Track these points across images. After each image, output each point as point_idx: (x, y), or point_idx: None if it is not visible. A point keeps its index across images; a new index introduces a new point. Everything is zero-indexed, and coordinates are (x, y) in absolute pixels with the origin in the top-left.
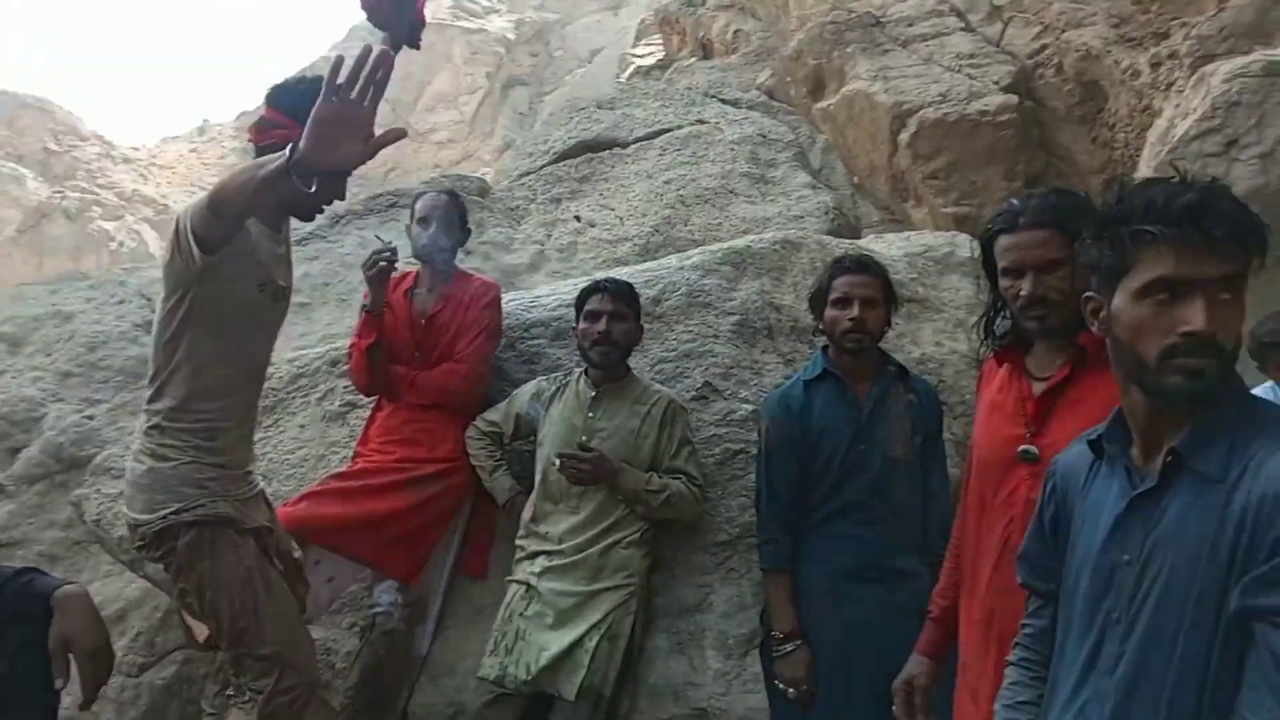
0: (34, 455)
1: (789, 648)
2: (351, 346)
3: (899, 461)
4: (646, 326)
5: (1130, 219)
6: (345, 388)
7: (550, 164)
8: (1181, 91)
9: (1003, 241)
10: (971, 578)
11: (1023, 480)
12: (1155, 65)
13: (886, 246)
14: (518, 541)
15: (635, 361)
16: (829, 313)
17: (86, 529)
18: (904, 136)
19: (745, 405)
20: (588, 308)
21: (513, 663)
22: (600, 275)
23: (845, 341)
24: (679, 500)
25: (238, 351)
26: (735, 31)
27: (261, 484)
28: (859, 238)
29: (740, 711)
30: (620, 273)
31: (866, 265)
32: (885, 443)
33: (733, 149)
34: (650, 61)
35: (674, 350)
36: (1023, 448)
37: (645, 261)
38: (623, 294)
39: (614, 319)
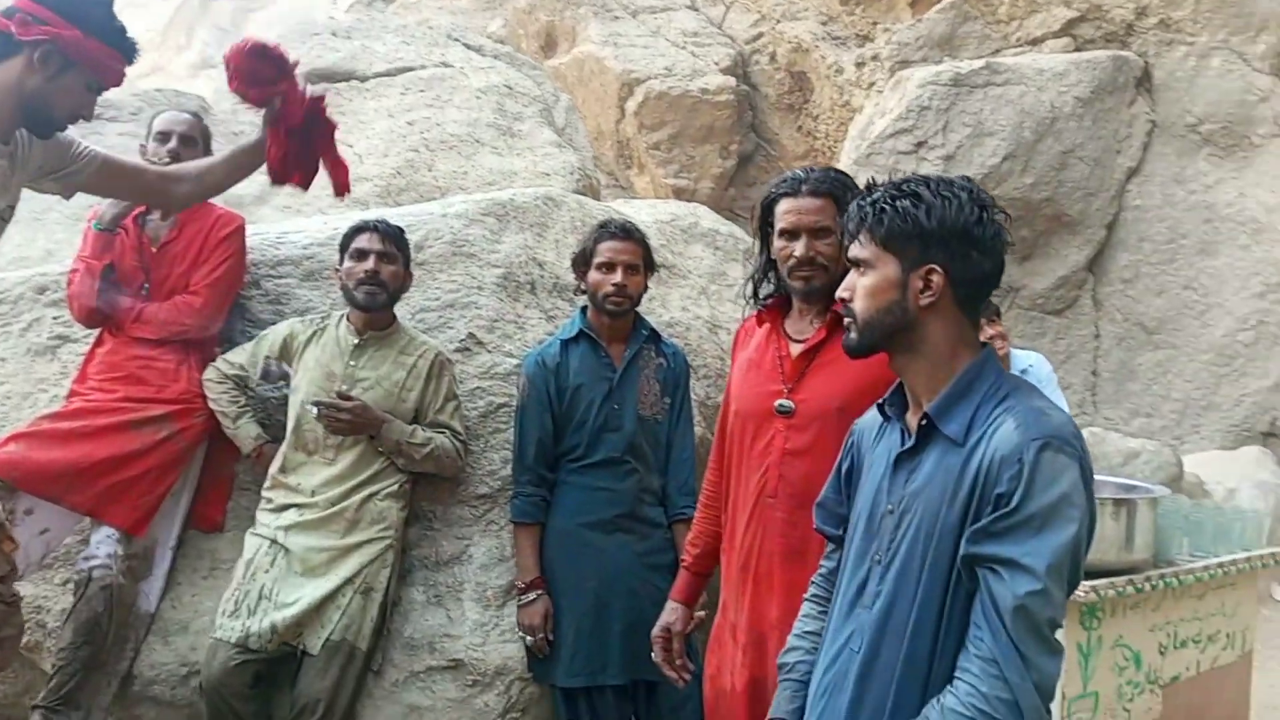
0: None
1: (530, 597)
2: (72, 271)
3: (649, 420)
4: None
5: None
6: (56, 318)
7: None
8: (881, 92)
9: (783, 205)
10: (731, 524)
11: (779, 432)
12: (860, 65)
13: (636, 211)
14: (264, 492)
15: (397, 309)
16: (592, 275)
17: None
18: (631, 105)
19: (509, 359)
20: (354, 246)
21: (256, 622)
22: (369, 215)
23: (607, 304)
24: (443, 454)
25: None
26: None
27: None
28: (599, 199)
29: (497, 660)
30: (380, 213)
31: (630, 232)
32: (636, 402)
33: (479, 97)
34: None
35: (437, 300)
36: (779, 401)
37: (386, 204)
38: (393, 235)
39: (382, 259)
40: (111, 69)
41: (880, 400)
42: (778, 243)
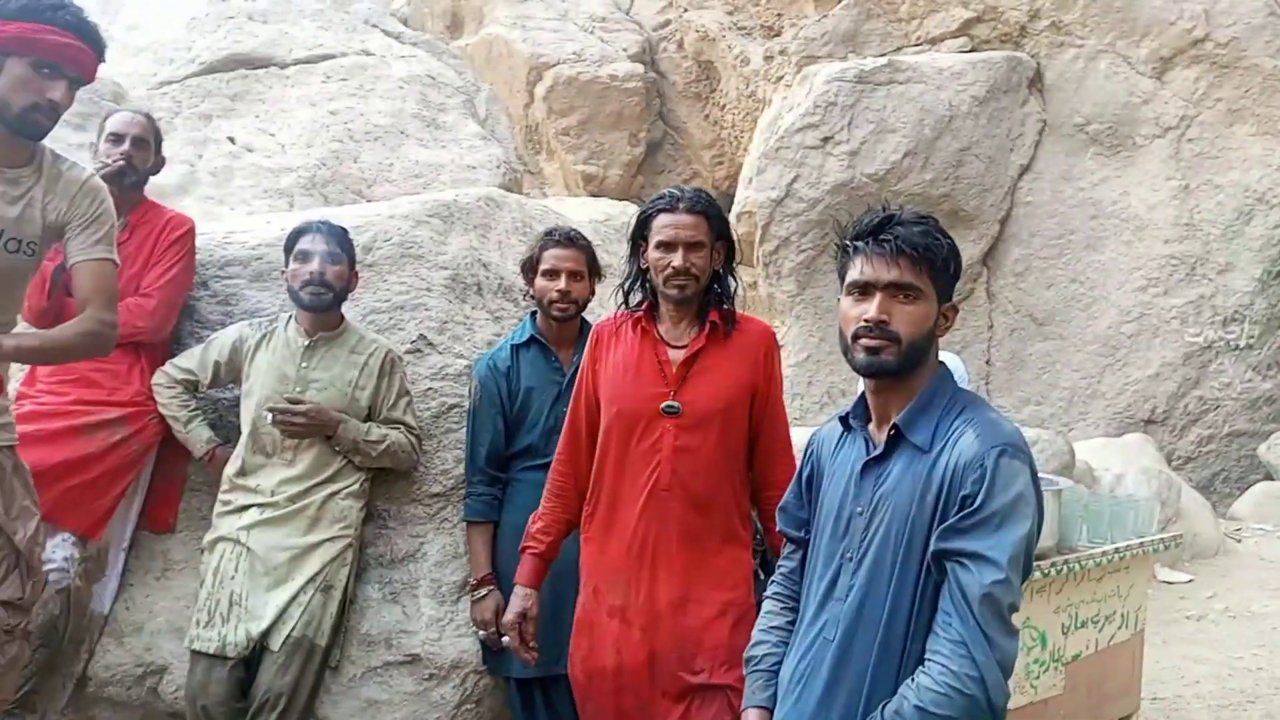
0: None
1: (481, 593)
2: None
3: None
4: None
5: (844, 236)
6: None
7: (197, 75)
8: (789, 86)
9: (661, 219)
10: (610, 515)
11: (667, 431)
12: (768, 59)
13: (571, 211)
14: (222, 495)
15: (347, 311)
16: (539, 282)
17: None
18: (540, 89)
19: (460, 360)
20: (298, 248)
21: (231, 630)
22: (314, 216)
23: (553, 310)
24: (398, 450)
25: None
26: None
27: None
28: (521, 192)
29: (453, 654)
30: (324, 214)
31: (574, 240)
32: None
33: (402, 87)
34: None
35: (386, 301)
36: (666, 403)
37: (311, 196)
38: (336, 235)
39: (328, 260)
40: (47, 41)
41: (843, 413)
42: (653, 254)
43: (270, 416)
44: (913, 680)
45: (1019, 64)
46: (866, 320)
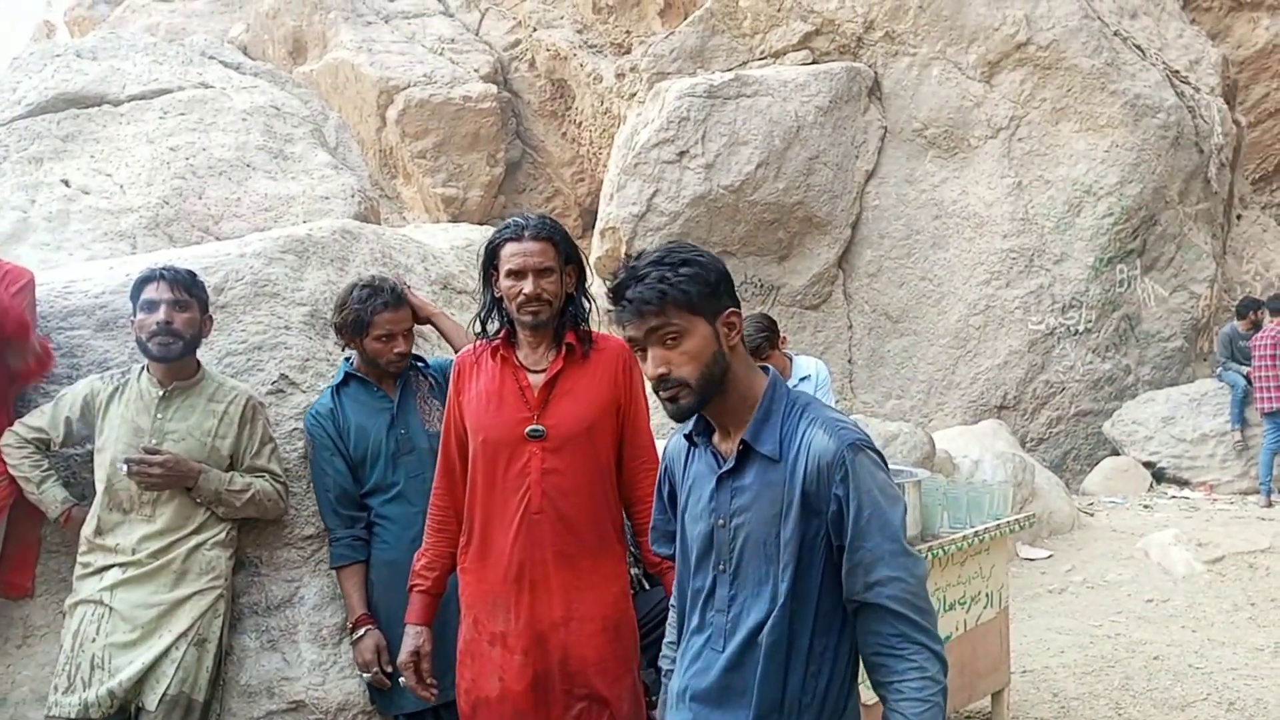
0: None
1: (360, 633)
2: None
3: (439, 435)
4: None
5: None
6: None
7: (24, 117)
8: (642, 102)
9: (509, 248)
10: (484, 543)
11: (534, 454)
12: (620, 76)
13: (431, 238)
14: (81, 557)
15: (202, 355)
16: (372, 345)
17: None
18: (392, 113)
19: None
20: (143, 297)
21: (92, 693)
22: (157, 263)
23: (390, 368)
24: (264, 499)
25: None
26: None
27: None
28: (379, 220)
29: (339, 697)
30: (171, 256)
31: (403, 299)
32: (422, 421)
33: (244, 119)
34: None
35: (243, 342)
36: (531, 427)
37: (155, 236)
38: (182, 281)
39: (175, 307)
40: None
41: (686, 431)
42: (505, 283)
43: (126, 468)
44: (896, 705)
45: (858, 74)
46: (651, 378)
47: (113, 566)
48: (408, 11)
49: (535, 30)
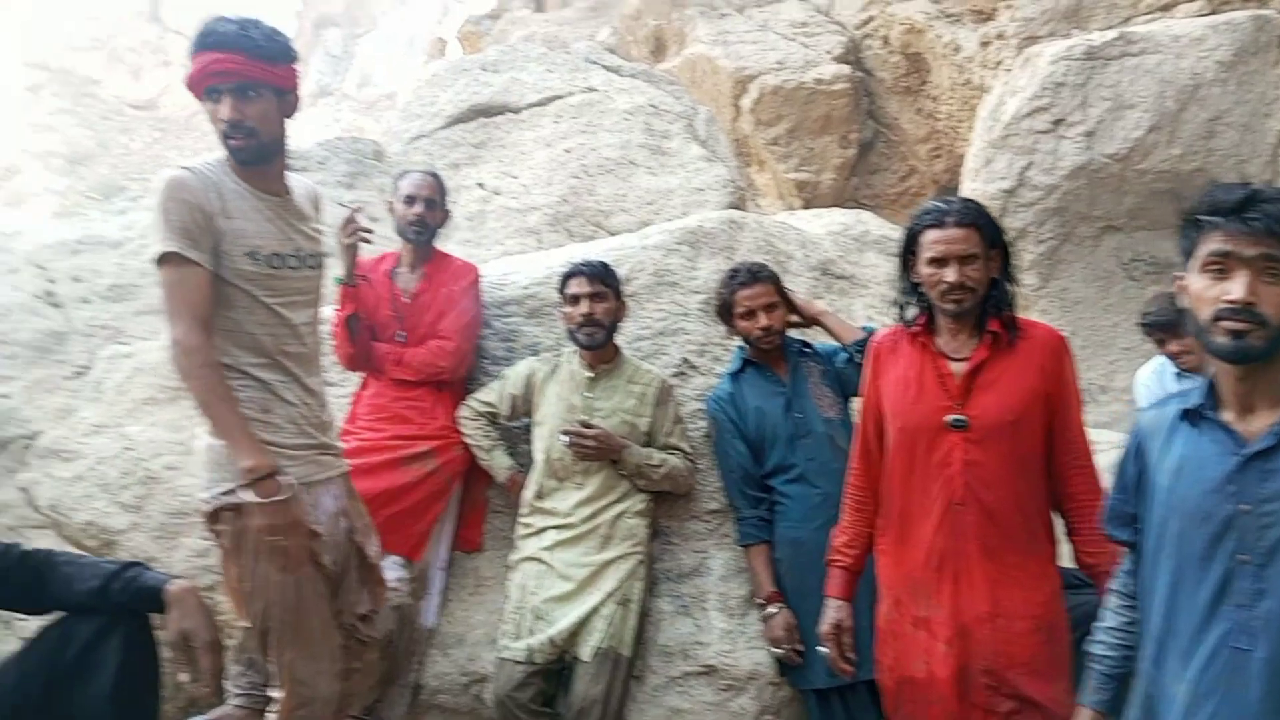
0: None
1: (771, 611)
2: (333, 325)
3: (834, 421)
4: None
5: (1193, 211)
6: (329, 362)
7: (444, 128)
8: (1009, 70)
9: (930, 235)
10: (903, 528)
11: (956, 445)
12: (984, 44)
13: (807, 224)
14: (522, 519)
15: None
16: (740, 324)
17: (22, 514)
18: (745, 102)
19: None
20: (568, 291)
21: (536, 640)
22: (577, 258)
23: (760, 344)
24: (677, 473)
25: (255, 322)
26: None
27: (342, 466)
28: (744, 207)
29: (748, 666)
30: (586, 251)
31: (758, 276)
32: (817, 406)
33: (627, 119)
34: (479, 10)
35: (649, 328)
36: (954, 417)
37: (557, 232)
38: (599, 273)
39: (595, 300)
40: (196, 72)
41: (1184, 403)
42: (925, 270)
43: (566, 440)
44: None
45: (1266, 22)
46: (1230, 301)
47: (549, 529)
48: (760, 0)
49: (889, 5)
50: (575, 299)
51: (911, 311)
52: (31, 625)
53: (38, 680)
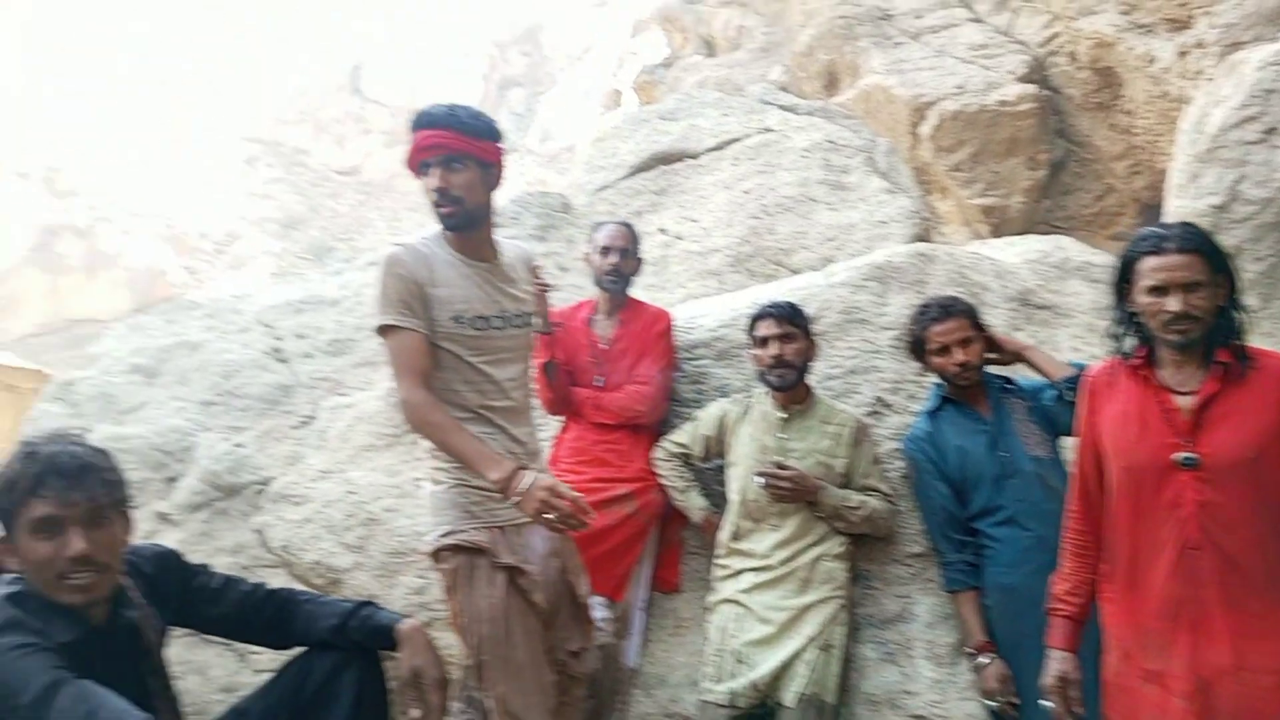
0: (193, 484)
1: (984, 661)
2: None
3: (1044, 459)
4: None
5: None
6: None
7: (626, 177)
8: (1211, 79)
9: (1149, 262)
10: (1131, 574)
11: (1187, 484)
12: (1182, 54)
13: (1001, 253)
14: (719, 561)
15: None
16: (934, 360)
17: (256, 554)
18: (924, 129)
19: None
20: (757, 333)
21: (738, 684)
22: (764, 299)
23: (958, 380)
24: (877, 516)
25: (460, 380)
26: (738, 27)
27: None
28: (929, 238)
29: (960, 717)
30: (773, 291)
31: (951, 310)
32: (1024, 444)
33: (804, 156)
34: (653, 60)
35: (839, 367)
36: (1184, 455)
37: (738, 273)
38: (787, 314)
39: (784, 341)
40: (412, 150)
41: None
42: (1145, 299)
43: (762, 481)
44: None
45: None
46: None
47: (747, 570)
48: (935, 26)
49: (1074, 20)
50: (764, 341)
51: (1129, 343)
52: (264, 658)
53: (282, 712)
